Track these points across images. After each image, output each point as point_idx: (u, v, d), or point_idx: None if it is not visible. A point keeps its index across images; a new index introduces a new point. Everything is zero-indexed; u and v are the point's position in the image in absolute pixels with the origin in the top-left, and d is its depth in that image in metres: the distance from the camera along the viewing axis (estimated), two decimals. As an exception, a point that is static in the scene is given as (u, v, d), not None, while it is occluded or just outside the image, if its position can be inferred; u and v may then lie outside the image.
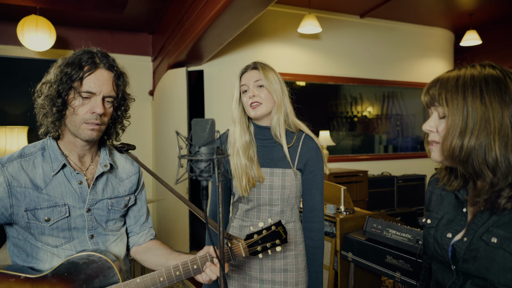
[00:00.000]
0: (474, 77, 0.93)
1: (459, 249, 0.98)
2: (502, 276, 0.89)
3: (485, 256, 0.93)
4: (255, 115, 1.55)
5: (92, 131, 1.22)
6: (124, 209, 1.37)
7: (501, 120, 0.89)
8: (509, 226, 0.91)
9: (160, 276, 1.21)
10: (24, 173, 1.19)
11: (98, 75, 1.20)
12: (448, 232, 1.04)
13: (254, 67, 1.59)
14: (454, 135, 0.92)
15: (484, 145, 0.89)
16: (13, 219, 1.18)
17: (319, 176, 1.60)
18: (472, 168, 0.93)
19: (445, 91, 0.95)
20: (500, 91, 0.90)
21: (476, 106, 0.90)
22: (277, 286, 1.58)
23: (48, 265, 1.20)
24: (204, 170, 0.95)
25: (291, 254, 1.60)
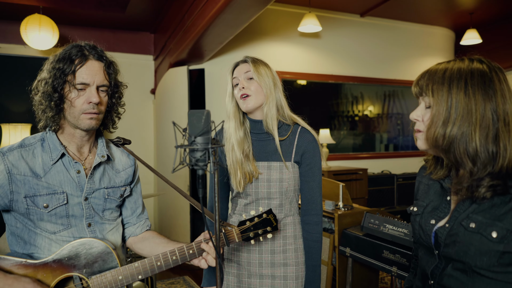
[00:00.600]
0: (460, 70, 0.97)
1: (441, 235, 1.02)
2: (478, 259, 0.94)
3: (463, 240, 0.97)
4: (246, 107, 1.56)
5: (91, 120, 1.27)
6: (120, 199, 1.41)
7: (483, 112, 0.92)
8: (487, 213, 0.95)
9: (157, 260, 1.26)
10: (24, 162, 1.24)
11: (89, 66, 1.25)
12: (432, 219, 1.08)
13: (244, 61, 1.61)
14: (438, 124, 0.96)
15: (465, 135, 0.93)
16: (12, 205, 1.23)
17: (317, 169, 1.60)
18: (453, 157, 0.97)
19: (432, 83, 0.99)
20: (484, 84, 0.94)
21: (460, 97, 0.94)
22: (277, 281, 1.59)
23: (47, 252, 1.24)
24: (200, 159, 0.99)
25: (291, 248, 1.60)
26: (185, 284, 4.11)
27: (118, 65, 1.36)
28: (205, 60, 4.83)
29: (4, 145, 3.82)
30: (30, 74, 4.19)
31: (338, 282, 2.91)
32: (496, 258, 0.92)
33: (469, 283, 0.96)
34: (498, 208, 0.94)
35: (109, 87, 1.31)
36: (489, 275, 0.94)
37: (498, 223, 0.92)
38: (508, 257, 0.91)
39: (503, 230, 0.91)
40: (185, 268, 4.62)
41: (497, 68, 0.98)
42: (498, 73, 0.96)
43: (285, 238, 1.60)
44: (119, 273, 1.23)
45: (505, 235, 0.91)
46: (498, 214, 0.93)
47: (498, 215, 0.93)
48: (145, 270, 1.25)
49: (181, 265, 4.66)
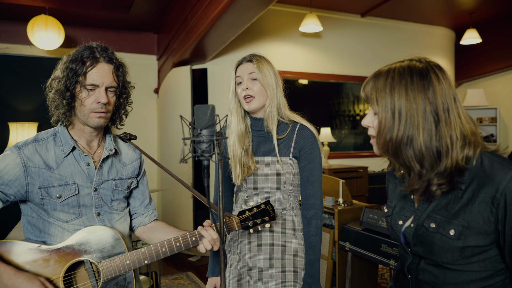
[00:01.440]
0: (401, 74, 1.00)
1: (408, 235, 1.08)
2: (443, 256, 1.00)
3: (427, 240, 1.02)
4: (249, 108, 1.62)
5: (99, 118, 1.35)
6: (127, 191, 1.49)
7: (424, 114, 0.96)
8: (444, 210, 1.00)
9: (162, 246, 1.34)
10: (38, 155, 1.32)
11: (99, 69, 1.33)
12: (399, 220, 1.12)
13: (249, 60, 1.63)
14: (384, 131, 1.01)
15: (410, 138, 0.97)
16: (28, 196, 1.31)
17: (316, 164, 1.63)
18: (402, 161, 1.01)
19: (375, 91, 1.03)
20: (423, 87, 0.97)
21: (401, 103, 0.97)
22: (276, 273, 1.63)
23: (59, 240, 1.32)
24: (205, 150, 1.07)
25: (290, 242, 1.64)
26: (188, 279, 4.19)
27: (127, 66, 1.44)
28: (207, 60, 4.91)
29: (12, 142, 3.91)
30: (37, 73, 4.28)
31: (338, 276, 2.98)
32: (458, 254, 0.98)
33: (441, 275, 1.03)
34: (453, 205, 0.99)
35: (117, 88, 1.39)
36: (456, 267, 1.00)
37: (454, 221, 0.97)
38: (468, 250, 0.97)
39: (459, 227, 0.96)
40: (188, 264, 4.71)
41: (436, 67, 1.01)
42: (437, 72, 0.99)
43: (284, 232, 1.64)
44: (127, 258, 1.31)
45: (461, 232, 0.96)
46: (453, 212, 0.98)
47: (453, 212, 0.98)
48: (150, 255, 1.33)
49: (184, 262, 4.75)
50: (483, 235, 0.96)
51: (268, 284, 1.64)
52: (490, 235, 0.96)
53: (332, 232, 3.02)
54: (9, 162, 1.29)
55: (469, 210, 0.97)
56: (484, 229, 0.95)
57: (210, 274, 1.77)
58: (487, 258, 0.98)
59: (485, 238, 0.96)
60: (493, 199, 0.94)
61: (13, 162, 1.28)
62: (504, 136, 6.87)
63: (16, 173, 1.28)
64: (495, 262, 0.99)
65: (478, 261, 0.98)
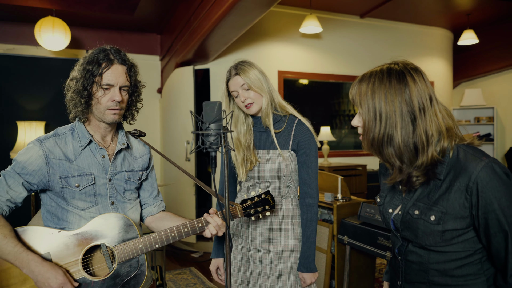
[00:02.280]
0: (380, 79, 1.12)
1: (396, 221, 1.21)
2: (426, 239, 1.12)
3: (412, 226, 1.15)
4: (251, 112, 1.79)
5: (114, 115, 1.47)
6: (138, 182, 1.61)
7: (401, 115, 1.07)
8: (426, 198, 1.12)
9: (172, 232, 1.46)
10: (58, 148, 1.44)
11: (114, 70, 1.44)
12: (389, 208, 1.24)
13: (236, 73, 1.80)
14: (368, 131, 1.12)
15: (389, 137, 1.09)
16: (49, 185, 1.43)
17: (312, 156, 1.81)
18: (385, 157, 1.13)
19: (359, 96, 1.14)
20: (400, 90, 1.08)
21: (381, 106, 1.09)
22: (274, 255, 1.80)
23: (77, 226, 1.43)
24: (213, 143, 1.18)
25: (287, 227, 1.81)
26: (191, 274, 4.30)
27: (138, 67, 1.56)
28: (210, 60, 5.02)
29: (20, 141, 4.02)
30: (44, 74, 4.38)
31: (337, 269, 3.08)
32: (439, 237, 1.09)
33: (426, 256, 1.15)
34: (433, 194, 1.11)
35: (130, 87, 1.52)
36: (439, 249, 1.12)
37: (434, 208, 1.09)
38: (448, 233, 1.09)
39: (439, 213, 1.08)
40: (191, 260, 4.82)
41: (412, 70, 1.11)
42: (413, 74, 1.09)
43: (282, 218, 1.81)
44: (139, 242, 1.42)
45: (440, 217, 1.08)
46: (434, 200, 1.10)
47: (433, 200, 1.10)
48: (161, 239, 1.44)
49: (187, 258, 4.87)
50: (460, 220, 1.07)
51: (266, 265, 1.81)
52: (466, 219, 1.07)
53: (331, 227, 3.13)
54: (32, 154, 1.40)
55: (447, 198, 1.08)
56: (460, 214, 1.07)
57: (214, 255, 1.93)
58: (465, 240, 1.10)
59: (462, 222, 1.07)
60: (467, 188, 1.05)
61: (36, 154, 1.40)
62: (501, 135, 6.98)
63: (39, 164, 1.40)
64: (473, 243, 1.10)
65: (457, 242, 1.10)
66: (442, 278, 1.14)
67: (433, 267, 1.14)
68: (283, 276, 1.79)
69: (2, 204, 1.39)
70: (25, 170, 1.39)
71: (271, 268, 1.80)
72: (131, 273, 1.41)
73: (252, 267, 1.84)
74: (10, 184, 1.39)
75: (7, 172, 1.42)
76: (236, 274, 1.88)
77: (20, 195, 1.41)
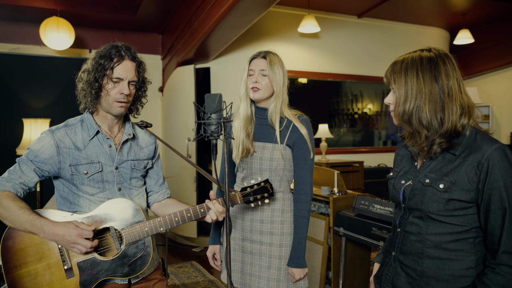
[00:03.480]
0: (413, 60, 1.27)
1: (406, 190, 1.32)
2: (430, 205, 1.23)
3: (420, 192, 1.26)
4: (253, 97, 1.84)
5: (121, 107, 1.58)
6: (143, 170, 1.72)
7: (431, 90, 1.21)
8: (438, 171, 1.24)
9: (175, 216, 1.57)
10: (68, 138, 1.56)
11: (124, 65, 1.56)
12: (402, 180, 1.36)
13: (264, 57, 1.83)
14: (400, 103, 1.27)
15: (418, 109, 1.22)
16: (60, 172, 1.55)
17: (308, 153, 1.83)
18: (413, 127, 1.26)
19: (393, 74, 1.29)
20: (431, 69, 1.23)
21: (413, 82, 1.23)
22: (264, 246, 1.84)
23: (87, 210, 1.55)
24: (214, 131, 1.29)
25: (278, 220, 1.85)
26: (192, 267, 4.41)
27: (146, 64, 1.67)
28: (210, 59, 5.14)
29: (26, 138, 4.14)
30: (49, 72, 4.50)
31: (333, 260, 3.20)
32: (443, 205, 1.21)
33: (425, 226, 1.26)
34: (446, 167, 1.23)
35: (138, 82, 1.63)
36: (439, 218, 1.22)
37: (445, 178, 1.21)
38: (452, 203, 1.20)
39: (448, 183, 1.20)
40: (192, 254, 4.94)
41: (443, 55, 1.27)
42: (444, 58, 1.24)
43: (273, 211, 1.85)
44: (145, 225, 1.54)
45: (449, 186, 1.20)
46: (446, 171, 1.22)
47: (445, 172, 1.22)
48: (165, 223, 1.55)
49: (188, 252, 4.98)
50: (466, 192, 1.19)
51: (257, 256, 1.86)
52: (471, 193, 1.18)
53: (327, 219, 3.24)
54: (44, 143, 1.53)
55: (458, 170, 1.20)
56: (467, 186, 1.18)
57: (211, 242, 2.03)
58: (465, 215, 1.21)
59: (467, 194, 1.19)
60: (479, 163, 1.17)
61: (47, 144, 1.52)
62: (497, 133, 7.09)
63: (50, 153, 1.52)
64: (471, 219, 1.21)
65: (457, 215, 1.21)
66: (435, 250, 1.24)
67: (429, 238, 1.25)
68: (273, 268, 1.83)
69: (16, 186, 1.51)
70: (37, 158, 1.52)
71: (262, 259, 1.85)
72: (137, 254, 1.53)
73: (245, 257, 1.90)
74: (23, 169, 1.52)
75: (21, 159, 1.55)
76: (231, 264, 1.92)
77: (32, 180, 1.54)
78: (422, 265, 1.27)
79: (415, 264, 1.28)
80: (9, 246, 1.46)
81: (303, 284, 1.87)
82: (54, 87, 4.32)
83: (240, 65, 5.17)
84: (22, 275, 1.44)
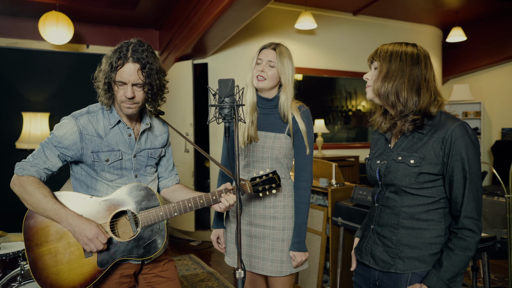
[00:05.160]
0: (400, 48, 1.40)
1: (381, 169, 1.44)
2: (403, 180, 1.36)
3: (394, 169, 1.39)
4: (256, 85, 1.91)
5: (128, 109, 1.60)
6: (158, 158, 1.78)
7: (411, 71, 1.35)
8: (409, 149, 1.38)
9: (189, 202, 1.62)
10: (91, 125, 1.60)
11: (126, 68, 1.53)
12: (378, 160, 1.49)
13: (274, 48, 1.89)
14: (379, 79, 1.39)
15: (397, 87, 1.36)
16: (82, 158, 1.59)
17: (309, 142, 1.91)
18: (390, 102, 1.39)
19: (380, 53, 1.42)
20: (412, 57, 1.37)
21: (397, 63, 1.37)
22: (267, 230, 1.92)
23: (104, 194, 1.60)
24: (227, 114, 1.35)
25: (280, 205, 1.93)
26: (191, 260, 4.47)
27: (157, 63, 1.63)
28: (208, 55, 5.19)
29: (26, 132, 4.16)
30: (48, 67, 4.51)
31: (331, 249, 3.28)
32: (414, 178, 1.34)
33: (399, 200, 1.40)
34: (416, 145, 1.37)
35: (144, 84, 1.57)
36: (412, 191, 1.36)
37: (415, 154, 1.35)
38: (422, 177, 1.34)
39: (418, 158, 1.34)
40: (190, 248, 5.00)
41: (426, 53, 1.40)
42: (426, 54, 1.39)
43: (275, 196, 1.93)
44: (160, 210, 1.59)
45: (419, 161, 1.34)
46: (415, 148, 1.36)
47: (415, 149, 1.36)
48: (179, 209, 1.61)
49: (186, 246, 5.04)
50: (434, 165, 1.33)
51: (261, 239, 1.94)
52: (438, 166, 1.33)
53: (325, 210, 3.32)
54: (68, 129, 1.57)
55: (426, 146, 1.34)
56: (435, 160, 1.33)
57: (214, 226, 2.09)
58: (434, 187, 1.36)
59: (435, 167, 1.33)
60: (443, 139, 1.32)
61: (71, 130, 1.56)
62: (488, 129, 7.24)
63: (74, 139, 1.56)
64: (440, 191, 1.36)
65: (427, 187, 1.35)
66: (409, 221, 1.38)
67: (404, 210, 1.39)
68: (276, 250, 1.91)
69: (40, 171, 1.55)
70: (61, 144, 1.56)
71: (265, 242, 1.92)
72: (152, 237, 1.59)
73: (249, 241, 1.97)
74: (48, 155, 1.56)
75: (45, 144, 1.58)
76: (234, 247, 2.00)
77: (56, 165, 1.58)
78: (397, 235, 1.39)
79: (391, 234, 1.41)
80: (31, 225, 1.51)
81: (303, 266, 1.96)
82: (53, 81, 4.33)
83: (237, 60, 5.25)
84: (43, 253, 1.50)
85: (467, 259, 1.29)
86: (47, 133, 4.16)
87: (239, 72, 5.22)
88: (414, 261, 1.36)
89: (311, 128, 1.95)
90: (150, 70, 1.56)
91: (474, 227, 1.29)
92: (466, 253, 1.29)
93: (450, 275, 1.29)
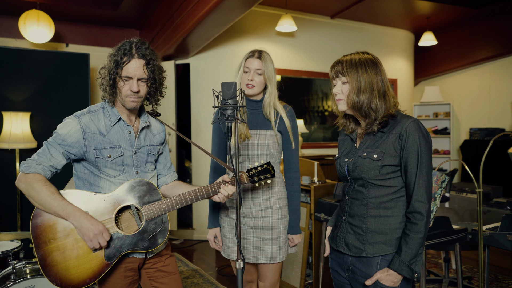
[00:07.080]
0: (360, 59, 1.55)
1: (349, 165, 1.61)
2: (369, 173, 1.53)
3: (360, 164, 1.56)
4: (247, 93, 2.07)
5: (133, 102, 1.69)
6: (157, 155, 1.86)
7: (377, 83, 1.52)
8: (372, 146, 1.55)
9: (189, 195, 1.72)
10: (93, 123, 1.67)
11: (132, 64, 1.64)
12: (346, 158, 1.66)
13: (258, 57, 2.07)
14: (354, 93, 1.53)
15: (369, 99, 1.52)
16: (85, 155, 1.66)
17: (295, 137, 2.13)
18: (364, 112, 1.55)
19: (345, 67, 1.55)
20: (374, 65, 1.54)
21: (364, 75, 1.52)
22: (265, 220, 2.08)
23: (107, 191, 1.67)
24: (231, 115, 1.46)
25: (275, 196, 2.11)
26: (175, 258, 4.53)
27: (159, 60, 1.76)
28: (190, 55, 5.25)
29: (6, 131, 4.11)
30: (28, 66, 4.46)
31: (314, 244, 3.42)
32: (378, 171, 1.51)
33: (367, 192, 1.56)
34: (378, 142, 1.54)
35: (148, 79, 1.69)
36: (377, 183, 1.53)
37: (377, 149, 1.53)
38: (385, 169, 1.51)
39: (380, 153, 1.52)
40: (173, 246, 5.04)
41: (377, 58, 1.58)
42: (378, 60, 1.57)
43: (270, 188, 2.10)
44: (163, 203, 1.68)
45: (381, 155, 1.51)
46: (378, 145, 1.54)
47: (377, 145, 1.54)
48: (181, 201, 1.70)
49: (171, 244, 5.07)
50: (393, 157, 1.51)
51: (258, 229, 2.09)
52: (397, 158, 1.51)
53: (308, 207, 3.46)
54: (71, 128, 1.63)
55: (386, 142, 1.52)
56: (394, 153, 1.51)
57: (210, 226, 2.20)
58: (395, 177, 1.53)
59: (394, 159, 1.51)
60: (400, 134, 1.50)
61: (74, 128, 1.63)
62: (457, 129, 7.61)
63: (77, 137, 1.63)
64: (400, 181, 1.54)
65: (390, 178, 1.53)
66: (376, 210, 1.54)
67: (371, 201, 1.55)
68: (274, 238, 2.08)
69: (46, 169, 1.61)
70: (65, 142, 1.62)
71: (263, 232, 2.08)
72: (156, 229, 1.67)
73: (246, 233, 2.10)
74: (52, 153, 1.62)
75: (49, 142, 1.64)
76: (231, 241, 2.14)
77: (60, 163, 1.64)
78: (366, 223, 1.56)
79: (361, 223, 1.57)
80: (38, 223, 1.56)
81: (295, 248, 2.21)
82: (34, 81, 4.28)
83: (219, 61, 5.33)
84: (51, 250, 1.55)
85: (420, 240, 1.47)
86: (28, 132, 4.12)
87: (221, 72, 5.31)
88: (382, 245, 1.53)
89: (296, 125, 2.16)
90: (154, 66, 1.70)
91: (423, 210, 1.47)
92: (419, 235, 1.47)
93: (409, 257, 1.47)
